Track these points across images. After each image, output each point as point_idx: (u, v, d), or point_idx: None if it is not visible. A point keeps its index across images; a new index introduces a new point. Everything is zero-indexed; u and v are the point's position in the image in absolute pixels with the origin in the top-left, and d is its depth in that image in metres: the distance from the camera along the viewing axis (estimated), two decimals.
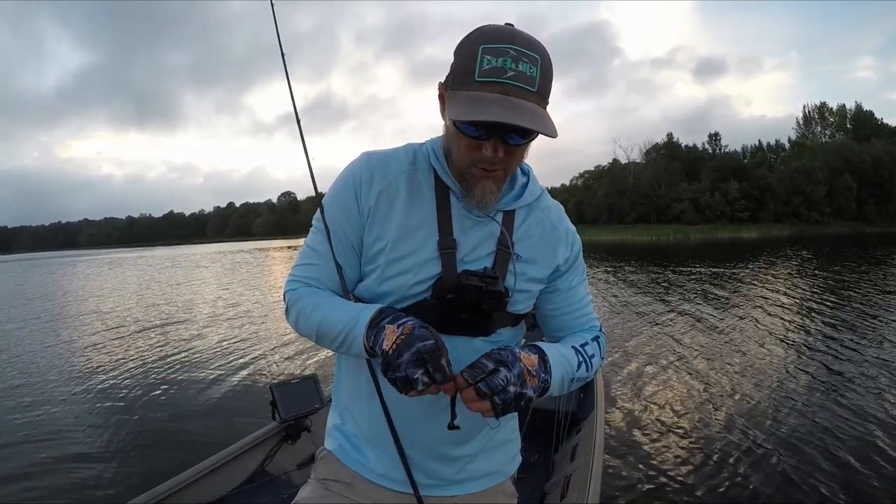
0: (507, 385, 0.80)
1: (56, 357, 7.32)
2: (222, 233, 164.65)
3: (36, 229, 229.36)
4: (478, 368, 0.81)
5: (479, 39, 0.81)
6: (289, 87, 1.24)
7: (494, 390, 0.80)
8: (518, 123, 0.77)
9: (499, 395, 0.80)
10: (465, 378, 0.81)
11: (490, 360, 0.82)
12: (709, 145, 62.62)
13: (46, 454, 3.93)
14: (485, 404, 0.80)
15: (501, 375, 0.81)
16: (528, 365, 0.85)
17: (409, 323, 0.82)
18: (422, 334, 0.80)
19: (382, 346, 0.82)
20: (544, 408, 3.09)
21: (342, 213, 0.97)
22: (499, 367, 0.81)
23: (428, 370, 0.77)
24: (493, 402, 0.80)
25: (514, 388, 0.81)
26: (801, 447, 3.61)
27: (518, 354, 0.85)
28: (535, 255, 1.01)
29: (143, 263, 35.60)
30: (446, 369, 0.78)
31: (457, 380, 0.81)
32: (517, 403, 0.82)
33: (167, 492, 2.17)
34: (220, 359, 6.67)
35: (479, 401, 0.80)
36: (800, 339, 6.57)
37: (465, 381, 0.80)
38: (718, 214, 49.78)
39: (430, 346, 0.78)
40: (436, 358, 0.78)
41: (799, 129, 64.27)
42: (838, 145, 54.91)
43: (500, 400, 0.80)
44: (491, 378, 0.80)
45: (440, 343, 0.80)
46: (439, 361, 0.78)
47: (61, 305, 13.89)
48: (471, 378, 0.80)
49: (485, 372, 0.81)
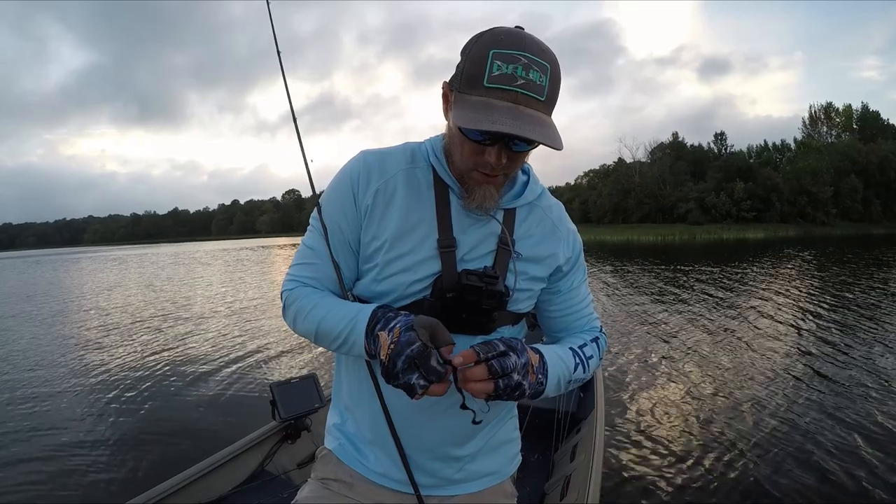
0: (514, 371, 0.80)
1: (55, 356, 7.31)
2: (227, 230, 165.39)
3: (41, 226, 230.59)
4: (490, 346, 0.81)
5: (491, 43, 0.79)
6: (286, 88, 1.24)
7: (504, 371, 0.79)
8: (527, 136, 0.76)
9: (504, 379, 0.80)
10: (476, 352, 0.80)
11: (501, 343, 0.82)
12: (714, 145, 62.52)
13: (45, 454, 3.92)
14: (487, 385, 0.79)
15: (512, 360, 0.81)
16: (533, 360, 0.86)
17: (396, 327, 0.80)
18: (408, 339, 0.77)
19: (380, 357, 0.81)
20: (544, 408, 3.08)
21: (339, 212, 0.96)
22: (509, 352, 0.81)
23: (422, 374, 0.76)
24: (497, 384, 0.79)
25: (517, 377, 0.81)
26: (802, 447, 3.59)
27: (526, 346, 0.86)
28: (536, 254, 1.00)
29: (146, 261, 35.64)
30: (437, 369, 0.76)
31: (467, 356, 0.79)
32: (512, 393, 0.81)
33: (167, 491, 2.17)
34: (219, 358, 6.68)
35: (483, 380, 0.79)
36: (804, 342, 6.53)
37: (477, 356, 0.79)
38: (724, 214, 49.70)
39: (417, 349, 0.76)
40: (425, 360, 0.76)
41: (805, 130, 64.08)
42: (844, 146, 54.68)
43: (503, 383, 0.80)
44: (503, 359, 0.80)
45: (426, 342, 0.77)
46: (429, 363, 0.76)
47: (61, 303, 13.90)
48: (482, 354, 0.80)
49: (496, 351, 0.81)
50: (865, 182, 50.34)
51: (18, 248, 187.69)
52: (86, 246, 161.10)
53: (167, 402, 5.05)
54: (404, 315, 0.83)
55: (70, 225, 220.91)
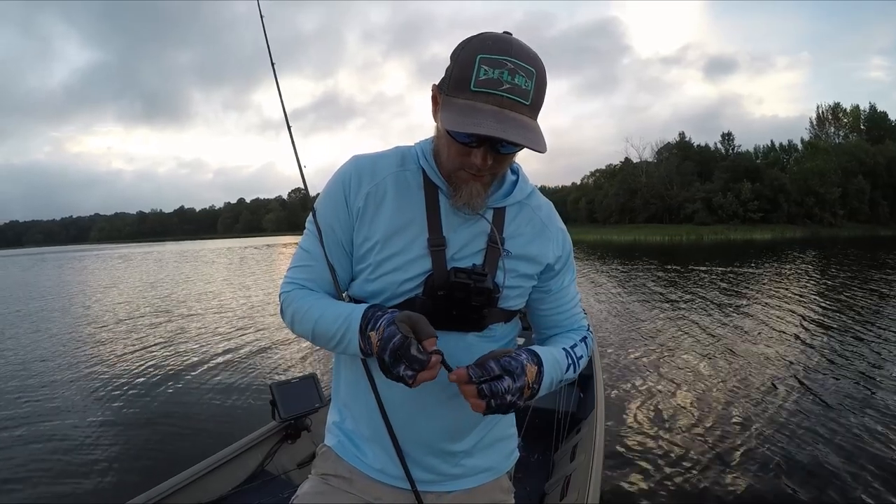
0: (507, 394, 0.83)
1: (55, 356, 7.33)
2: (233, 228, 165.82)
3: (47, 224, 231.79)
4: (485, 370, 0.84)
5: (478, 48, 0.82)
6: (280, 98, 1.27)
7: (494, 395, 0.82)
8: (510, 139, 0.78)
9: (495, 399, 0.82)
10: (470, 375, 0.83)
11: (498, 366, 0.84)
12: (721, 145, 62.13)
13: (45, 454, 3.92)
14: (478, 403, 0.82)
15: (505, 384, 0.83)
16: (530, 379, 0.87)
17: (381, 324, 0.84)
18: (390, 333, 0.81)
19: (374, 354, 0.84)
20: (544, 407, 3.09)
21: (333, 215, 0.99)
22: (504, 376, 0.84)
23: (407, 364, 0.80)
24: (489, 404, 0.82)
25: (510, 398, 0.84)
26: (802, 447, 3.59)
27: (525, 368, 0.87)
28: (526, 252, 1.02)
29: (149, 259, 35.78)
30: (419, 357, 0.79)
31: (461, 375, 0.83)
32: (506, 410, 0.85)
33: (167, 491, 2.17)
34: (219, 358, 6.69)
35: (475, 396, 0.82)
36: (806, 342, 6.49)
37: (469, 378, 0.82)
38: (731, 215, 49.42)
39: (398, 341, 0.80)
40: (406, 351, 0.79)
41: (812, 130, 63.52)
42: (852, 146, 54.16)
43: (494, 404, 0.83)
44: (495, 383, 0.83)
45: (405, 334, 0.81)
46: (410, 353, 0.79)
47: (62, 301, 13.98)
48: (475, 377, 0.82)
49: (490, 375, 0.83)
50: (873, 183, 49.86)
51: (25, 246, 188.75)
52: (92, 244, 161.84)
53: (167, 402, 5.06)
54: (390, 312, 0.86)
55: (76, 222, 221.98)
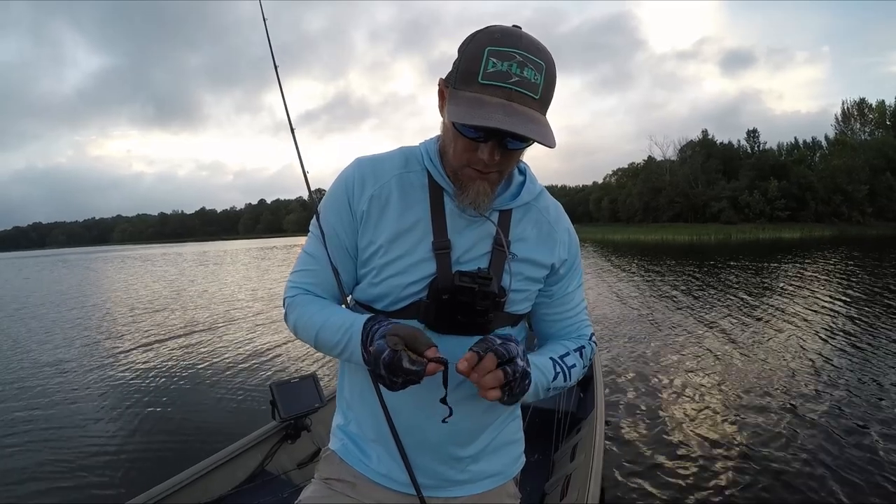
0: (517, 357, 0.81)
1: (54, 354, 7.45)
2: (254, 229, 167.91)
3: (70, 225, 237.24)
4: (486, 341, 0.82)
5: (486, 41, 0.80)
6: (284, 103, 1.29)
7: (510, 355, 0.80)
8: (519, 132, 0.76)
9: (510, 365, 0.80)
10: (475, 351, 0.79)
11: (495, 336, 0.83)
12: (747, 142, 60.93)
13: (44, 454, 3.96)
14: (496, 375, 0.79)
15: (511, 346, 0.81)
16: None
17: (375, 340, 0.82)
18: (379, 348, 0.79)
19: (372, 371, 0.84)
20: (544, 408, 3.09)
21: (336, 219, 0.98)
22: (506, 342, 0.82)
23: (402, 376, 0.78)
24: (506, 370, 0.79)
25: (521, 363, 0.81)
26: (803, 447, 3.56)
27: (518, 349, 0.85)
28: (532, 255, 0.99)
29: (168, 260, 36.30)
30: (411, 369, 0.77)
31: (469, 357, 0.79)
32: (522, 381, 0.81)
33: (167, 491, 2.19)
34: (220, 357, 6.75)
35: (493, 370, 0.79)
36: (811, 345, 6.29)
37: (477, 354, 0.79)
38: (758, 214, 48.49)
39: (388, 356, 0.77)
40: (399, 365, 0.77)
41: (838, 126, 61.94)
42: (879, 143, 52.67)
43: (511, 369, 0.79)
44: (504, 345, 0.81)
45: (394, 347, 0.78)
46: (401, 366, 0.77)
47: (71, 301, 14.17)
48: (481, 350, 0.79)
49: (494, 343, 0.81)
50: None
51: (49, 247, 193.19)
52: (115, 245, 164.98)
53: (167, 402, 5.10)
54: (385, 325, 0.85)
55: (99, 224, 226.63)
